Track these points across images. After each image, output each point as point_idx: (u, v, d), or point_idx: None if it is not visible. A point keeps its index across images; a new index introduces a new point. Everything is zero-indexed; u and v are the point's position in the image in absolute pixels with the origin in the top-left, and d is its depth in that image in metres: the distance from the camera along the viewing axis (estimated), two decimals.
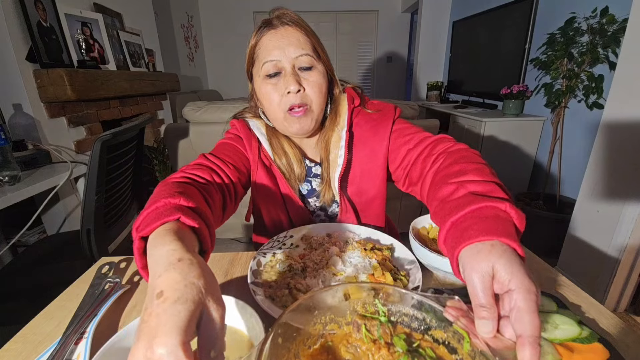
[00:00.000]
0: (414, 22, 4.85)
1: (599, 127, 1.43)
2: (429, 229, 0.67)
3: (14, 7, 1.43)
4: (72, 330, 0.43)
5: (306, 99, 0.63)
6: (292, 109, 0.63)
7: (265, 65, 0.62)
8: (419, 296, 0.34)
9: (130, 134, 1.17)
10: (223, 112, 1.70)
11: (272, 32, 0.62)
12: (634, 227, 1.34)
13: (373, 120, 0.71)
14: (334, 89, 0.72)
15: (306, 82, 0.63)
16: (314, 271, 0.53)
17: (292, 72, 0.62)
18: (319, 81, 0.64)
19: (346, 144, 0.68)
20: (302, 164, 0.72)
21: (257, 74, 0.65)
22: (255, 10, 4.70)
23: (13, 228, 1.37)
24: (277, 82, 0.63)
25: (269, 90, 0.63)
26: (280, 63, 0.62)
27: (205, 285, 0.28)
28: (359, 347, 0.33)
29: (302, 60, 0.62)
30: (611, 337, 0.43)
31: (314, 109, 0.65)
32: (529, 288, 0.29)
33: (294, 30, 0.62)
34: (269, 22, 0.63)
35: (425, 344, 0.33)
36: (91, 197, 1.00)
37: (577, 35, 1.78)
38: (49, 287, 0.97)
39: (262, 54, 0.63)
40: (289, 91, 0.61)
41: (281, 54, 0.61)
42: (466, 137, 2.54)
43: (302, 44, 0.62)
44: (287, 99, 0.62)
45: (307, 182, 0.75)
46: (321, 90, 0.65)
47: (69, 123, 1.72)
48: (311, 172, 0.75)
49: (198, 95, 3.73)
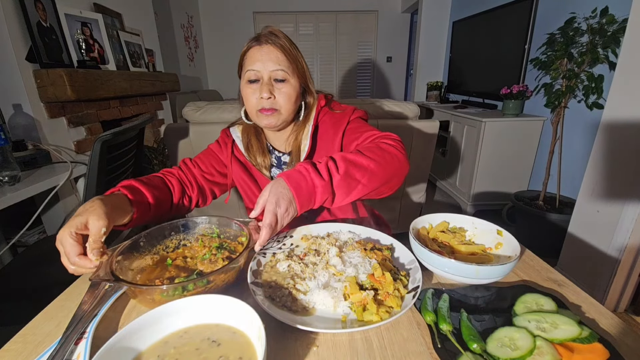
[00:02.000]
0: (414, 22, 4.85)
1: (599, 127, 1.43)
2: (429, 229, 0.67)
3: (13, 7, 1.43)
4: (72, 331, 0.43)
5: (276, 104, 0.77)
6: (262, 110, 0.77)
7: (248, 72, 0.77)
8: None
9: (130, 134, 1.17)
10: (223, 112, 1.70)
11: (257, 48, 0.76)
12: (634, 227, 1.34)
13: (335, 118, 0.85)
14: (308, 98, 0.86)
15: (278, 91, 0.77)
16: (314, 271, 0.53)
17: (268, 82, 0.76)
18: (289, 92, 0.77)
19: (311, 134, 0.83)
20: (265, 154, 0.87)
21: (243, 77, 0.80)
22: (255, 10, 4.70)
23: (13, 228, 1.37)
24: (256, 88, 0.77)
25: (248, 93, 0.78)
26: (260, 73, 0.76)
27: (91, 209, 0.55)
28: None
29: (277, 73, 0.76)
30: (611, 337, 0.43)
31: (282, 112, 0.78)
32: (269, 207, 0.55)
33: (274, 49, 0.76)
34: (258, 38, 0.77)
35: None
36: (91, 197, 1.00)
37: (577, 35, 1.78)
38: (49, 287, 0.97)
39: (248, 62, 0.77)
40: (262, 97, 0.75)
41: (261, 66, 0.75)
42: (466, 137, 2.54)
43: (280, 61, 0.76)
44: (260, 102, 0.77)
45: (279, 168, 0.90)
46: (290, 99, 0.78)
47: (69, 123, 1.72)
48: (281, 160, 0.90)
49: (198, 95, 3.73)
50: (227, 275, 0.50)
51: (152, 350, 0.37)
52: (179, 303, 0.40)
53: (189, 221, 0.65)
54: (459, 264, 0.51)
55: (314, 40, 4.93)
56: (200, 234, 0.65)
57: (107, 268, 0.48)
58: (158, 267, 0.57)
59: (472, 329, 0.43)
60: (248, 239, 0.57)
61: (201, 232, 0.65)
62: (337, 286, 0.50)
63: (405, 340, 0.44)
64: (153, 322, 0.39)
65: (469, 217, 0.68)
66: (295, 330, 0.44)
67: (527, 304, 0.47)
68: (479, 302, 0.51)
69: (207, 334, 0.39)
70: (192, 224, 0.65)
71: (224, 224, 0.64)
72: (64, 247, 0.51)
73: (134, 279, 0.53)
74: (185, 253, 0.61)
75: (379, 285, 0.49)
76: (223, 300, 0.40)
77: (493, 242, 0.63)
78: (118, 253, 0.53)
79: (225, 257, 0.57)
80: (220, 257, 0.57)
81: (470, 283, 0.54)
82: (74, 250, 0.51)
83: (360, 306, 0.46)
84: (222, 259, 0.57)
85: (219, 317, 0.40)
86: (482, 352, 0.40)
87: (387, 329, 0.46)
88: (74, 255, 0.51)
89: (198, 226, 0.65)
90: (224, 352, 0.36)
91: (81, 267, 0.51)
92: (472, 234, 0.67)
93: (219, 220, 0.65)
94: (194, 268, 0.56)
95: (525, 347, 0.40)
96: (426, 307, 0.48)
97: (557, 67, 1.85)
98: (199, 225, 0.65)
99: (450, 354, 0.41)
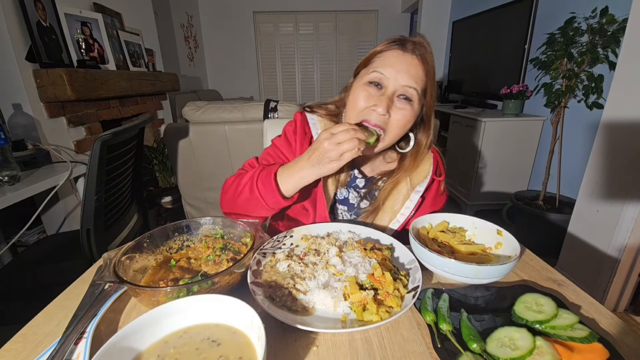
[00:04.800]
0: (414, 22, 4.84)
1: (599, 127, 1.43)
2: (429, 229, 0.67)
3: (13, 7, 1.42)
4: (71, 330, 0.43)
5: (385, 123, 0.65)
6: (367, 121, 0.65)
7: (373, 73, 0.65)
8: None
9: (130, 133, 1.17)
10: (223, 112, 1.70)
11: (400, 53, 0.64)
12: (633, 226, 1.34)
13: (434, 198, 0.77)
14: (419, 133, 0.74)
15: (396, 109, 0.65)
16: (314, 271, 0.53)
17: (390, 95, 0.64)
18: (407, 116, 0.65)
19: (413, 210, 0.73)
20: (348, 171, 0.76)
21: (363, 76, 0.67)
22: (255, 10, 4.69)
23: (13, 228, 1.37)
24: (373, 95, 0.65)
25: (362, 95, 0.65)
26: (387, 81, 0.64)
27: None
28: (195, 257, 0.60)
29: (406, 90, 0.64)
30: (611, 337, 0.43)
31: (386, 137, 0.67)
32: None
33: (417, 63, 0.64)
34: (403, 42, 0.65)
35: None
36: (91, 197, 1.00)
37: (577, 35, 1.78)
38: (49, 287, 0.97)
39: (379, 63, 0.65)
40: (374, 109, 0.63)
41: (394, 74, 0.63)
42: (466, 137, 2.54)
43: (417, 79, 0.64)
44: (368, 113, 0.65)
45: (346, 189, 0.78)
46: (405, 125, 0.66)
47: (69, 123, 1.72)
48: (354, 181, 0.78)
49: (198, 95, 3.73)
50: (232, 276, 0.50)
51: (152, 350, 0.37)
52: (178, 303, 0.40)
53: (192, 222, 0.64)
54: (458, 264, 0.51)
55: (314, 40, 4.92)
56: (203, 234, 0.64)
57: (111, 269, 0.48)
58: (162, 269, 0.57)
59: (472, 329, 0.43)
60: (252, 239, 0.56)
61: (205, 233, 0.65)
62: (337, 286, 0.50)
63: (405, 340, 0.44)
64: (153, 322, 0.39)
65: (469, 217, 0.68)
66: (295, 330, 0.44)
67: (527, 303, 0.47)
68: (479, 302, 0.51)
69: (207, 333, 0.39)
70: (196, 225, 0.64)
71: (228, 225, 0.64)
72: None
73: (137, 280, 0.53)
74: (189, 254, 0.61)
75: (379, 285, 0.49)
76: (223, 300, 0.40)
77: (493, 242, 0.63)
78: (122, 254, 0.52)
79: (229, 259, 0.57)
80: (224, 258, 0.57)
81: (470, 283, 0.54)
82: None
83: (360, 306, 0.46)
84: (226, 260, 0.57)
85: (218, 317, 0.40)
86: (482, 352, 0.40)
87: (387, 328, 0.46)
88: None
89: (201, 227, 0.65)
90: (224, 352, 0.36)
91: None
92: (472, 233, 0.67)
93: (222, 221, 0.65)
94: (198, 269, 0.56)
95: (525, 347, 0.40)
96: (426, 307, 0.48)
97: (557, 67, 1.85)
98: (202, 226, 0.65)
99: (450, 354, 0.41)
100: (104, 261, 0.50)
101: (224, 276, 0.48)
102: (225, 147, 1.79)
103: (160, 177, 2.53)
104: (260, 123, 1.72)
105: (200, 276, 0.54)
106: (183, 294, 0.45)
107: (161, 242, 0.61)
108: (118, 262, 0.50)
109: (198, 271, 0.56)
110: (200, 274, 0.55)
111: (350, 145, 0.58)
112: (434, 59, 0.66)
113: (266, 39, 4.89)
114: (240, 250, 0.61)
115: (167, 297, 0.45)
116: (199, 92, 3.85)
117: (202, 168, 1.88)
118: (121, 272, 0.49)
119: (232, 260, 0.57)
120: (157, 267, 0.58)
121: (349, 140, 0.58)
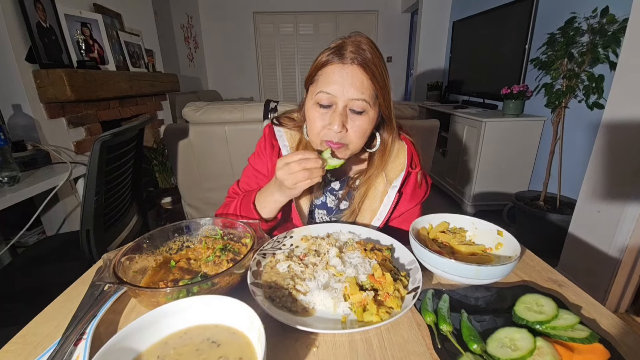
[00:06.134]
0: (414, 22, 4.85)
1: (600, 127, 1.43)
2: (429, 229, 0.67)
3: (13, 7, 1.42)
4: (71, 332, 0.43)
5: (345, 139, 0.66)
6: (329, 142, 0.66)
7: (320, 94, 0.63)
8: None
9: (130, 134, 1.17)
10: (222, 112, 1.70)
11: (340, 67, 0.62)
12: (634, 227, 1.33)
13: (413, 191, 0.78)
14: (384, 132, 0.74)
15: (352, 124, 0.64)
16: (314, 272, 0.53)
17: (343, 112, 0.63)
18: (364, 126, 0.65)
19: (391, 207, 0.74)
20: (320, 189, 0.77)
21: (311, 95, 0.66)
22: (255, 10, 4.70)
23: (12, 229, 1.37)
24: (325, 113, 0.65)
25: (315, 117, 0.66)
26: (335, 99, 0.63)
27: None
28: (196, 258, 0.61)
29: (356, 103, 0.63)
30: (612, 338, 0.43)
31: (350, 148, 0.67)
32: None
33: (360, 72, 0.62)
34: (341, 52, 0.63)
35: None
36: (90, 198, 1.00)
37: (578, 35, 1.78)
38: (48, 288, 0.96)
39: (323, 81, 0.64)
40: (331, 128, 0.64)
41: (339, 90, 0.62)
42: (466, 137, 2.54)
43: (363, 89, 0.62)
44: (327, 133, 0.65)
45: (322, 194, 0.79)
46: (364, 134, 0.66)
47: (69, 123, 1.72)
48: (328, 186, 0.79)
49: (198, 95, 3.73)
50: (232, 277, 0.50)
51: (151, 351, 0.37)
52: (178, 304, 0.40)
53: (192, 223, 0.64)
54: (459, 265, 0.51)
55: (314, 40, 4.93)
56: (203, 235, 0.64)
57: (111, 270, 0.48)
58: (162, 270, 0.57)
59: (473, 330, 0.43)
60: (252, 240, 0.56)
61: (204, 233, 0.65)
62: (337, 287, 0.50)
63: (406, 341, 0.44)
64: (153, 322, 0.38)
65: (469, 218, 0.68)
66: (295, 330, 0.44)
67: (528, 304, 0.47)
68: (479, 302, 0.51)
69: (206, 334, 0.39)
70: (195, 226, 0.64)
71: (228, 226, 0.64)
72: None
73: (137, 281, 0.53)
74: (189, 255, 0.61)
75: (379, 286, 0.49)
76: (223, 301, 0.40)
77: (493, 242, 0.63)
78: (121, 255, 0.52)
79: (229, 259, 0.57)
80: (224, 259, 0.57)
81: (470, 283, 0.54)
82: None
83: (360, 307, 0.46)
84: (226, 261, 0.57)
85: (218, 318, 0.40)
86: (482, 353, 0.40)
87: (387, 329, 0.46)
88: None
89: (201, 228, 0.65)
90: (224, 353, 0.36)
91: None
92: (473, 234, 0.67)
93: (222, 222, 0.65)
94: (198, 270, 0.56)
95: (526, 347, 0.39)
96: (426, 308, 0.48)
97: (557, 67, 1.85)
98: (202, 226, 0.65)
99: (450, 355, 0.41)
100: (103, 262, 0.50)
101: (223, 277, 0.48)
102: (225, 147, 1.79)
103: (160, 177, 2.53)
104: (260, 123, 1.71)
105: (200, 277, 0.54)
106: (183, 295, 0.45)
107: (161, 242, 0.61)
108: (118, 263, 0.50)
109: (198, 272, 0.56)
110: (200, 275, 0.54)
111: (302, 176, 0.60)
112: (377, 53, 0.64)
113: (266, 40, 4.89)
114: (240, 251, 0.61)
115: (166, 298, 0.45)
116: (198, 93, 3.85)
117: (202, 169, 1.88)
118: (121, 273, 0.48)
119: (232, 261, 0.57)
120: (157, 268, 0.57)
121: (301, 171, 0.60)
